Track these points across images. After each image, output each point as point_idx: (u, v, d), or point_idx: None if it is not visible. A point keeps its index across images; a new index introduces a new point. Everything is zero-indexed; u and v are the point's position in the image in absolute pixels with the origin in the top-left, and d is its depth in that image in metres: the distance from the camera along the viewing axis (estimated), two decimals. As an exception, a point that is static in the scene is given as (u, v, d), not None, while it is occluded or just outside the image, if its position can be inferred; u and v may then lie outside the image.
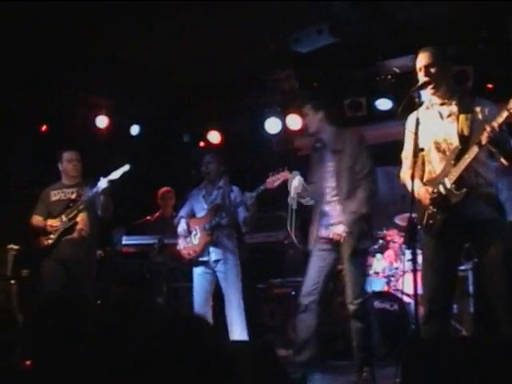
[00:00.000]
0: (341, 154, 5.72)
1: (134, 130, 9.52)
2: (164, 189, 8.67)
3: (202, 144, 9.73)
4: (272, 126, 9.14)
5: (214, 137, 9.53)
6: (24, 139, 9.11)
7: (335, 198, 5.73)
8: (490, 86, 7.57)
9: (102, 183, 6.57)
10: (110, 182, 6.60)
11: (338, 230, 5.61)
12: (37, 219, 6.81)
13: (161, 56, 8.02)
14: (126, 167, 6.70)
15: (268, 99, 9.25)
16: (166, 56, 8.01)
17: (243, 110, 9.54)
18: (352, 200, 5.61)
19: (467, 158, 4.28)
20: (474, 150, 4.24)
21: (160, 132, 9.93)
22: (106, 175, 6.59)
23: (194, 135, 9.75)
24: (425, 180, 4.59)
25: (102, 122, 9.05)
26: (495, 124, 4.14)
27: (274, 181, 6.37)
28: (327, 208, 5.79)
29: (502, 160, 4.37)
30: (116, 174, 6.66)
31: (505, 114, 4.18)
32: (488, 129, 4.15)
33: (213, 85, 9.08)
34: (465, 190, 4.32)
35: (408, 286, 6.70)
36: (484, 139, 4.19)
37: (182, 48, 7.79)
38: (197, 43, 7.70)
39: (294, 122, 8.89)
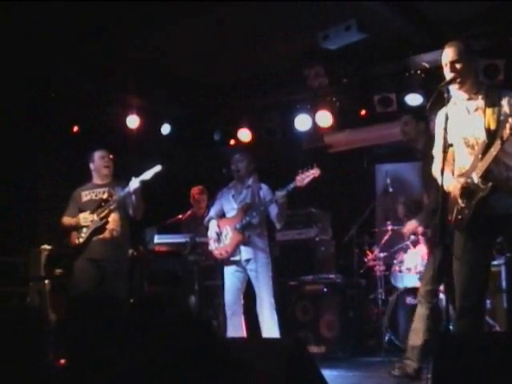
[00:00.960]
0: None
1: (165, 129, 9.56)
2: (196, 188, 8.71)
3: (232, 142, 9.75)
4: (302, 123, 9.12)
5: (245, 135, 9.53)
6: (56, 140, 9.21)
7: None
8: (520, 79, 7.49)
9: (134, 183, 6.61)
10: (142, 182, 6.63)
11: None
12: (68, 220, 6.86)
13: (191, 55, 8.07)
14: (158, 168, 6.72)
15: (298, 96, 9.24)
16: (197, 55, 8.05)
17: (273, 108, 9.54)
18: None
19: (492, 152, 4.25)
20: (498, 144, 4.22)
21: (191, 131, 9.97)
22: (137, 175, 6.63)
23: (224, 134, 9.76)
24: (455, 175, 4.55)
25: (133, 122, 9.11)
26: None
27: (303, 178, 6.42)
28: None
29: None
30: (148, 175, 6.69)
31: None
32: (510, 121, 4.12)
33: (242, 83, 9.12)
34: (490, 183, 4.29)
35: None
36: (505, 134, 4.16)
37: (211, 47, 7.83)
38: (227, 42, 7.73)
39: (324, 118, 8.88)
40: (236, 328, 6.68)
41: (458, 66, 4.47)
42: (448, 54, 4.52)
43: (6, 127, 8.27)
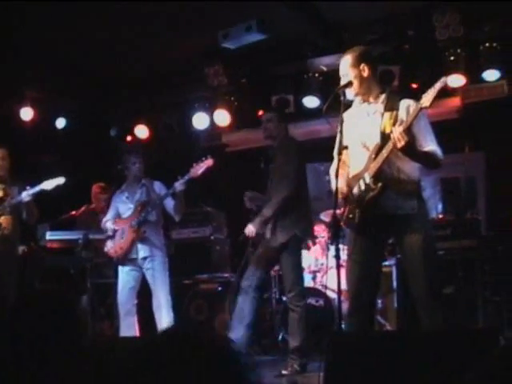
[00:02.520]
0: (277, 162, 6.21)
1: (60, 123, 9.32)
2: (96, 184, 8.55)
3: (129, 138, 9.61)
4: (200, 121, 9.10)
5: (142, 131, 9.42)
6: None
7: None
8: (414, 85, 7.71)
9: (25, 196, 6.55)
10: (34, 195, 6.55)
11: None
12: None
13: (89, 48, 7.91)
14: (61, 180, 6.65)
15: (196, 94, 9.22)
16: (94, 48, 7.91)
17: (172, 105, 9.48)
18: None
19: (384, 153, 4.36)
20: (389, 146, 4.32)
21: (87, 126, 9.76)
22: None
23: (121, 129, 9.62)
24: (350, 176, 4.64)
25: (27, 114, 8.81)
26: (402, 127, 4.23)
27: (197, 169, 6.47)
28: None
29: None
30: (48, 185, 6.59)
31: (414, 113, 4.28)
32: (396, 132, 4.24)
33: (142, 79, 9.02)
34: (380, 184, 4.40)
35: (333, 281, 6.76)
36: (391, 141, 4.28)
37: (111, 41, 7.71)
38: (126, 36, 7.63)
39: (222, 117, 8.88)
40: (129, 327, 6.62)
41: (353, 72, 4.57)
42: (344, 61, 4.63)
43: None
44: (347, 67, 4.59)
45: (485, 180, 8.50)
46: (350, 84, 4.57)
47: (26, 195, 6.52)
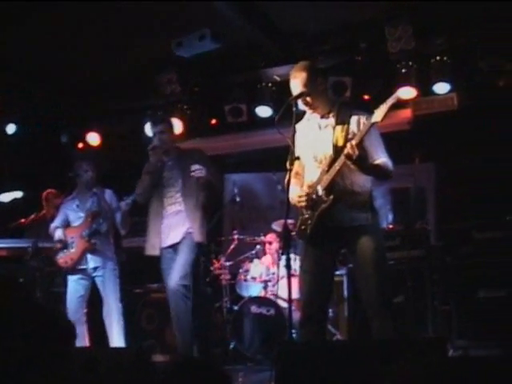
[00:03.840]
0: (187, 170, 6.01)
1: (10, 128, 9.17)
2: (48, 190, 8.42)
3: (80, 145, 9.50)
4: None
5: (94, 138, 9.33)
6: None
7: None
8: (366, 97, 7.80)
9: None
10: None
11: None
12: None
13: (40, 54, 7.81)
14: (19, 194, 6.55)
15: (149, 102, 9.17)
16: (45, 54, 7.81)
17: (124, 112, 9.41)
18: None
19: (336, 167, 4.41)
20: (342, 159, 4.36)
21: (38, 132, 9.62)
22: None
23: (72, 136, 9.51)
24: (304, 187, 4.67)
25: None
26: (354, 141, 4.27)
27: None
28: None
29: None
30: (5, 198, 6.49)
31: (366, 128, 4.33)
32: (348, 146, 4.28)
33: (94, 85, 8.94)
34: (332, 196, 4.44)
35: (284, 290, 6.78)
36: (344, 154, 4.32)
37: (62, 47, 7.63)
38: (79, 42, 7.55)
39: (175, 126, 8.84)
40: (79, 337, 6.52)
41: (303, 87, 4.58)
42: (294, 75, 4.64)
43: None
44: (302, 80, 4.59)
45: (434, 191, 8.62)
46: (302, 95, 4.59)
47: None
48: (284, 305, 7.12)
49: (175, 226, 6.13)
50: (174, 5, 6.69)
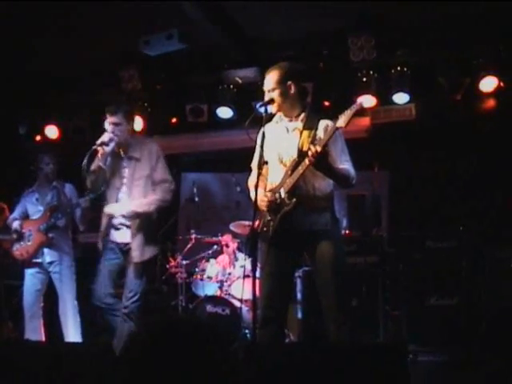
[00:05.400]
0: (138, 162, 5.80)
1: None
2: None
3: (38, 138, 9.43)
4: (111, 124, 9.02)
5: (52, 131, 9.28)
6: None
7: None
8: (327, 103, 7.93)
9: None
10: None
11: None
12: None
13: (2, 42, 7.74)
14: None
15: (110, 97, 9.13)
16: (5, 44, 7.73)
17: (84, 107, 9.36)
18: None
19: (300, 170, 4.48)
20: (305, 163, 4.44)
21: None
22: None
23: (30, 128, 9.43)
24: (267, 190, 4.74)
25: None
26: (318, 147, 4.34)
27: None
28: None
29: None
30: None
31: (330, 132, 4.42)
32: (312, 149, 4.35)
33: (55, 78, 8.88)
34: (294, 199, 4.52)
35: (239, 290, 6.85)
36: (308, 158, 4.40)
37: (24, 37, 7.56)
38: (41, 33, 7.50)
39: (136, 122, 8.83)
40: (35, 331, 6.52)
41: (275, 91, 4.67)
42: (267, 79, 4.73)
43: None
44: (274, 83, 4.68)
45: (388, 198, 8.79)
46: (272, 101, 4.67)
47: None
48: (239, 304, 7.19)
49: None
50: (141, 3, 6.70)
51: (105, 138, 5.69)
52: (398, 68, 7.71)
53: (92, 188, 5.91)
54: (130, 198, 5.76)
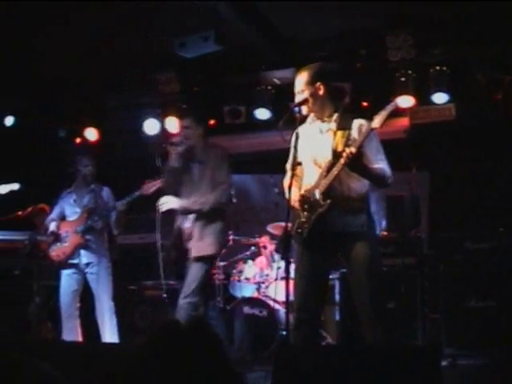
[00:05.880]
0: (205, 165, 5.93)
1: (9, 121, 9.20)
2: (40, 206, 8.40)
3: (78, 140, 9.53)
4: (150, 127, 9.09)
5: (91, 134, 9.37)
6: None
7: None
8: (365, 104, 7.86)
9: None
10: None
11: None
12: None
13: (39, 47, 7.83)
14: (16, 186, 6.56)
15: (148, 99, 9.20)
16: (45, 47, 7.83)
17: (123, 109, 9.43)
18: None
19: (334, 171, 4.44)
20: (340, 164, 4.39)
21: (36, 126, 9.63)
22: None
23: (70, 131, 9.53)
24: (302, 191, 4.71)
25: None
26: (353, 148, 4.32)
27: (149, 187, 6.43)
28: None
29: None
30: (2, 190, 6.50)
31: (365, 133, 4.38)
32: (347, 151, 4.33)
33: (93, 81, 8.96)
34: (329, 201, 4.48)
35: (278, 292, 6.83)
36: (342, 159, 4.37)
37: (62, 40, 7.64)
38: (78, 36, 7.57)
39: (173, 124, 8.88)
40: (72, 331, 6.57)
41: (307, 91, 4.64)
42: (299, 79, 4.70)
43: None
44: (303, 84, 4.66)
45: (428, 199, 8.69)
46: (305, 101, 4.65)
47: None
48: (277, 306, 7.17)
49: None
50: (176, 4, 6.72)
51: (175, 139, 5.97)
52: (437, 67, 7.60)
53: (167, 188, 6.12)
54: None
